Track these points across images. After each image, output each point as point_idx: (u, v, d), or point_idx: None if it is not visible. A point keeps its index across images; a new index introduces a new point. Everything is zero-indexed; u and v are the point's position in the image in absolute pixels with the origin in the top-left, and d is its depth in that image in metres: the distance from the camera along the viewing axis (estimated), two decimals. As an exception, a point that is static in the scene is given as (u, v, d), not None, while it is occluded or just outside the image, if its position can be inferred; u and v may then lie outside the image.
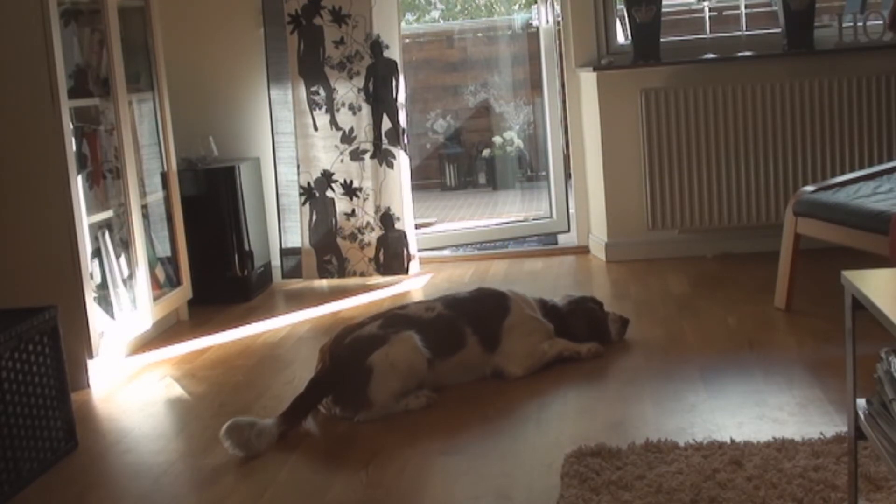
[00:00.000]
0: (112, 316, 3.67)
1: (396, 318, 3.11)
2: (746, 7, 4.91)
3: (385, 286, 4.69)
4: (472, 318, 3.19)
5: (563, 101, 5.05)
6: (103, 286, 3.67)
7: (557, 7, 4.98)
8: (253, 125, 4.90)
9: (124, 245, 3.82)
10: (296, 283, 4.87)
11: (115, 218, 3.79)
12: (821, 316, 3.56)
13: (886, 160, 4.35)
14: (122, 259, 3.81)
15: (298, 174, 4.74)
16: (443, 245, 5.31)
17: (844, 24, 4.51)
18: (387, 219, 4.74)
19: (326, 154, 4.73)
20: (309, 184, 4.74)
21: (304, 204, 4.76)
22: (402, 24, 4.87)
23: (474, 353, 3.16)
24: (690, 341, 3.43)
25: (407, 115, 4.79)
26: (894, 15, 3.71)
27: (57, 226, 3.37)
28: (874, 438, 1.81)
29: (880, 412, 1.81)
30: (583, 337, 3.36)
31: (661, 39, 4.62)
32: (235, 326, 4.15)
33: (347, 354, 2.97)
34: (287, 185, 4.79)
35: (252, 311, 4.40)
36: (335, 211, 4.75)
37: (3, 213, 3.37)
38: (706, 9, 4.98)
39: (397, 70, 4.68)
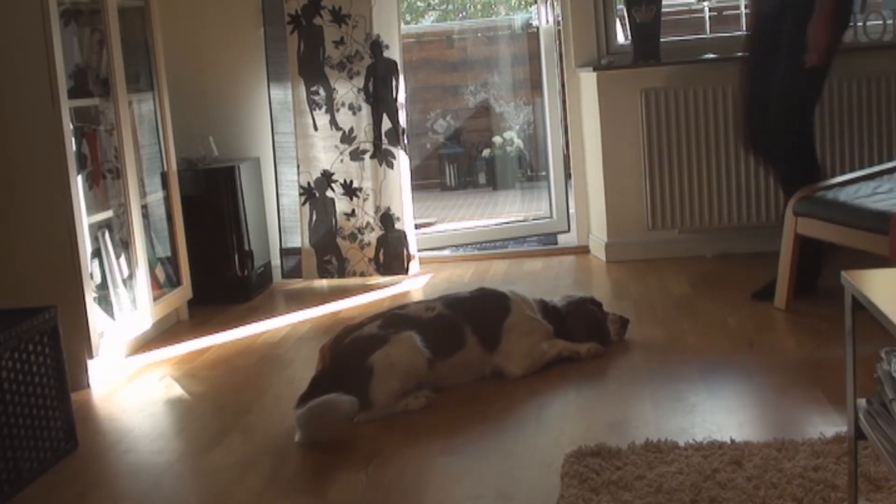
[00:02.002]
0: (112, 316, 3.67)
1: (396, 318, 3.11)
2: (746, 7, 4.91)
3: (385, 286, 4.69)
4: (472, 317, 3.19)
5: (563, 101, 5.04)
6: (103, 286, 3.67)
7: (557, 7, 4.98)
8: (253, 125, 4.90)
9: (124, 245, 3.81)
10: (296, 283, 4.87)
11: (115, 218, 3.79)
12: (821, 316, 3.56)
13: (886, 160, 4.34)
14: (122, 259, 3.80)
15: (298, 174, 4.74)
16: (443, 245, 5.31)
17: (844, 24, 4.51)
18: (387, 219, 4.74)
19: (326, 154, 4.73)
20: (309, 184, 4.74)
21: (304, 204, 4.76)
22: (402, 24, 4.87)
23: (474, 352, 3.16)
24: (690, 341, 3.43)
25: (407, 115, 4.79)
26: (817, 48, 3.63)
27: (57, 226, 3.37)
28: (874, 438, 1.81)
29: (880, 412, 1.81)
30: (582, 338, 3.36)
31: (661, 39, 4.62)
32: (235, 326, 4.15)
33: (347, 354, 2.97)
34: (287, 185, 4.79)
35: (252, 311, 4.40)
36: (335, 211, 4.75)
37: (4, 213, 3.37)
38: (706, 9, 4.98)
39: (397, 70, 4.68)
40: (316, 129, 4.71)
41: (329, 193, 4.74)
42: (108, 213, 3.76)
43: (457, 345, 3.13)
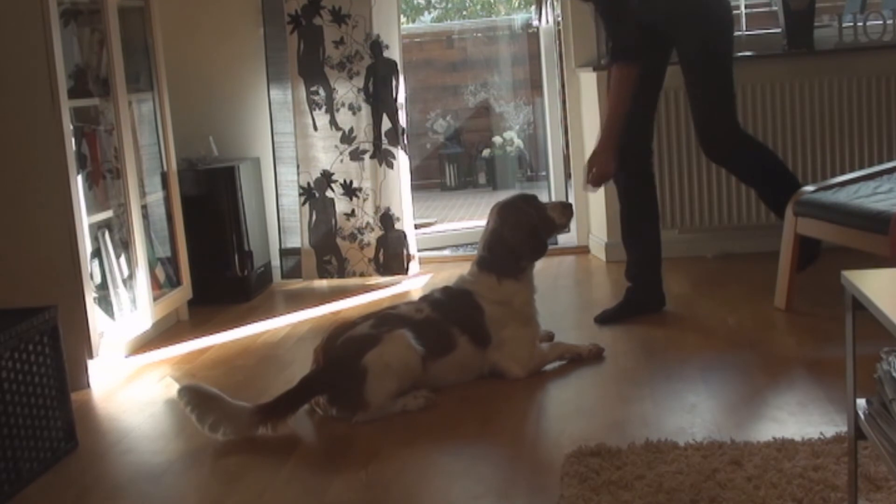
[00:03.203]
0: (112, 316, 3.67)
1: (388, 318, 3.10)
2: (746, 7, 4.91)
3: (385, 286, 4.69)
4: (455, 319, 3.14)
5: (563, 101, 5.05)
6: (103, 286, 3.67)
7: (557, 7, 4.98)
8: (253, 125, 4.90)
9: (124, 245, 3.81)
10: (296, 284, 4.87)
11: (115, 218, 3.79)
12: (821, 316, 3.56)
13: (886, 160, 4.35)
14: (122, 259, 3.81)
15: (298, 174, 4.75)
16: (443, 245, 5.31)
17: (844, 24, 4.51)
18: (386, 219, 4.74)
19: (326, 154, 4.73)
20: (309, 184, 4.74)
21: (303, 204, 4.76)
22: (402, 24, 4.87)
23: (467, 352, 3.14)
24: (690, 341, 3.43)
25: (407, 115, 4.79)
26: (595, 173, 3.64)
27: (57, 226, 3.37)
28: (874, 438, 1.81)
29: (880, 412, 1.81)
30: (527, 253, 3.25)
31: (661, 39, 4.61)
32: (235, 326, 4.15)
33: (341, 355, 2.95)
34: (287, 185, 4.79)
35: (252, 311, 4.40)
36: (335, 211, 4.75)
37: (3, 213, 3.37)
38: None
39: (397, 70, 4.68)
40: (316, 129, 4.71)
41: (329, 193, 4.74)
42: (108, 213, 3.76)
43: (448, 346, 3.10)
